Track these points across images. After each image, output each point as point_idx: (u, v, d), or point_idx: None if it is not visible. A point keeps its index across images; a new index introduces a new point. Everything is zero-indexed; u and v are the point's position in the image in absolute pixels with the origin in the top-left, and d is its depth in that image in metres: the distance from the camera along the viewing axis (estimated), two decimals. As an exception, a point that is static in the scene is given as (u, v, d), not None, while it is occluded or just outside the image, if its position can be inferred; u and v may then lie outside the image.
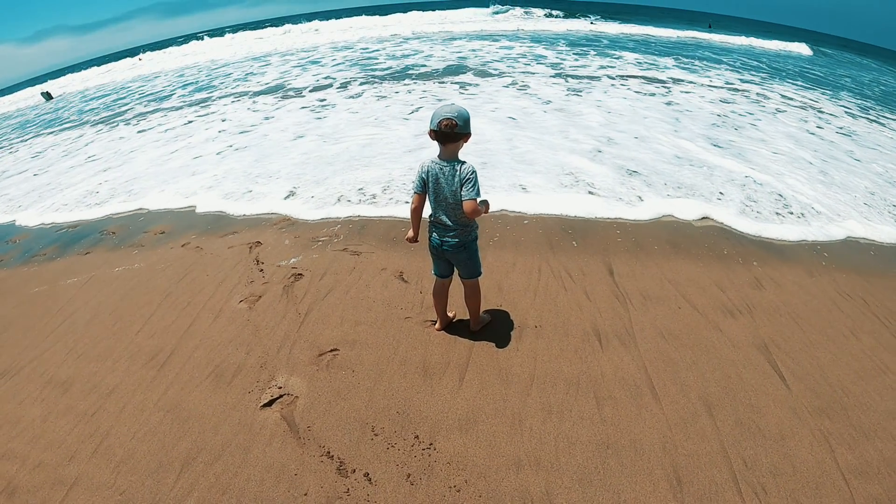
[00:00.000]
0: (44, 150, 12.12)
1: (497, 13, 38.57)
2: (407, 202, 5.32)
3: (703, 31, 32.67)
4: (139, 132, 11.67)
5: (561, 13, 39.09)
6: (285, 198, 6.19)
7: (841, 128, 10.09)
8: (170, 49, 37.43)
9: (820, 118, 10.71)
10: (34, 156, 11.79)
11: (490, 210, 3.00)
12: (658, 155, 7.27)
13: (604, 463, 2.46)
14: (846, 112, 11.78)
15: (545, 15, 37.14)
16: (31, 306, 4.38)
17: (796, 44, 29.93)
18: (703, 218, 5.36)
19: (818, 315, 3.73)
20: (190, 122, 11.87)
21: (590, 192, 5.87)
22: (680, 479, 2.38)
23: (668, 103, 10.78)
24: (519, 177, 6.30)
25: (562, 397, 2.84)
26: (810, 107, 11.85)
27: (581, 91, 11.67)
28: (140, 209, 6.66)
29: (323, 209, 5.72)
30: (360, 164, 7.07)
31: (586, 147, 7.51)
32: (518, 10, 40.91)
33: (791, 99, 12.59)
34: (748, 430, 2.66)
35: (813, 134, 9.33)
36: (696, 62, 17.81)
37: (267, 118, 10.92)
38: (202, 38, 44.16)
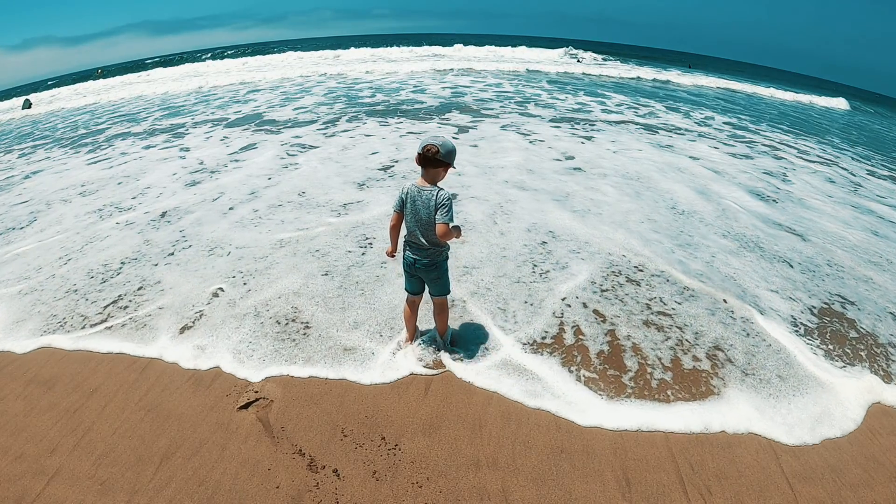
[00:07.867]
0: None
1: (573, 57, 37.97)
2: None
3: (686, 72, 34.03)
4: (88, 164, 9.88)
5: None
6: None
7: (881, 196, 8.57)
8: (157, 70, 37.68)
9: (852, 183, 9.19)
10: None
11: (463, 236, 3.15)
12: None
13: (557, 465, 2.63)
14: (868, 172, 10.51)
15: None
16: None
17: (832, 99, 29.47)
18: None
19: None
20: (148, 153, 10.28)
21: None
22: (629, 481, 2.56)
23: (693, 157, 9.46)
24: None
25: (521, 407, 3.03)
26: (832, 163, 10.71)
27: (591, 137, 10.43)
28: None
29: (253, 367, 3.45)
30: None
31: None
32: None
33: (806, 153, 11.43)
34: (696, 439, 2.85)
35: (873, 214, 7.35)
36: (682, 105, 18.20)
37: (235, 158, 9.15)
38: (203, 60, 44.92)
